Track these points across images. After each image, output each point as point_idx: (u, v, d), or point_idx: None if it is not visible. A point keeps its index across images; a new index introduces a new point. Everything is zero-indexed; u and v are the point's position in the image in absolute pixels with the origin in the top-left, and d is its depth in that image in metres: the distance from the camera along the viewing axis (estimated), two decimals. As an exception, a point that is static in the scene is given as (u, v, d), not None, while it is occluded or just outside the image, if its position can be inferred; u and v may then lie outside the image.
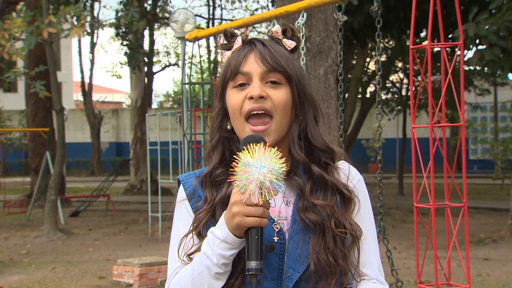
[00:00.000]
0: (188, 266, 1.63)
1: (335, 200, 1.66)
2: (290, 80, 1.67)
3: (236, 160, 1.51)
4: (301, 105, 1.70)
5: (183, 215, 1.72)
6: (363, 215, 1.70)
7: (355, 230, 1.65)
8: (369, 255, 1.69)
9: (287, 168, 1.61)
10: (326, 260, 1.60)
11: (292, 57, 1.71)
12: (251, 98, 1.63)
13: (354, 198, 1.68)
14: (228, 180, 1.57)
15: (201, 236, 1.65)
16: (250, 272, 1.51)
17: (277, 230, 1.64)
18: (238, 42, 1.71)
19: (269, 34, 1.74)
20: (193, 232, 1.66)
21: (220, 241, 1.55)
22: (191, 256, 1.64)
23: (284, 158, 1.51)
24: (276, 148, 1.52)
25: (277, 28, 1.73)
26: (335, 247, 1.61)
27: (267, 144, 1.54)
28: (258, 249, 1.52)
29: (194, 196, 1.71)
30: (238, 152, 1.52)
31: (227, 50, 1.73)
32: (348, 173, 1.72)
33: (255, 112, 1.64)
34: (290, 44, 1.72)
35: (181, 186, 1.75)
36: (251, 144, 1.52)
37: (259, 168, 1.47)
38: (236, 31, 1.76)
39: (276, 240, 1.63)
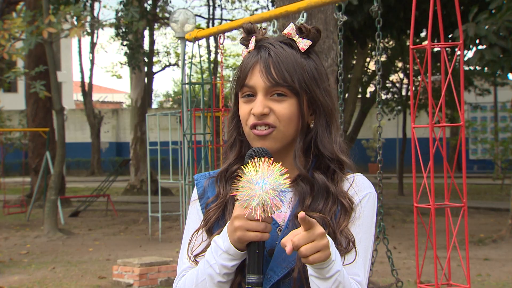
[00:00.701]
0: (193, 271, 1.65)
1: (335, 209, 1.65)
2: (296, 91, 1.64)
3: (239, 175, 1.51)
4: (312, 114, 1.68)
5: (193, 215, 1.74)
6: (360, 227, 1.67)
7: (346, 242, 1.62)
8: (356, 265, 1.64)
9: (295, 174, 1.62)
10: None
11: (304, 61, 1.67)
12: (254, 115, 1.63)
13: (353, 208, 1.66)
14: (231, 195, 1.59)
15: (210, 232, 1.67)
16: (250, 286, 1.52)
17: (280, 234, 1.64)
18: (251, 44, 1.69)
19: (283, 33, 1.70)
20: (203, 229, 1.68)
21: (222, 251, 1.57)
22: (197, 258, 1.66)
23: (290, 171, 1.51)
24: (280, 162, 1.51)
25: (290, 29, 1.69)
26: None
27: (272, 157, 1.54)
28: (259, 263, 1.53)
29: (204, 197, 1.73)
30: (242, 166, 1.53)
31: (246, 47, 1.71)
32: (353, 185, 1.69)
33: (259, 128, 1.64)
34: (304, 45, 1.68)
35: (195, 186, 1.78)
36: (255, 159, 1.52)
37: (262, 185, 1.48)
38: (254, 26, 1.73)
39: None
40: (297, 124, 1.66)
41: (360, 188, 1.69)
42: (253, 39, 1.69)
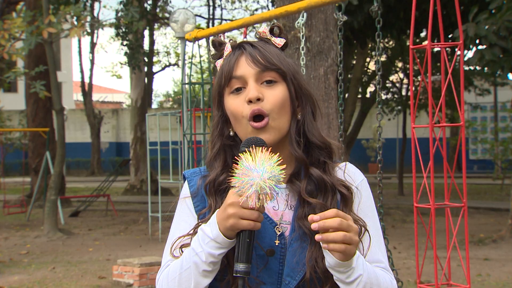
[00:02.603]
0: (177, 261, 1.63)
1: (335, 201, 1.66)
2: (285, 76, 1.66)
3: (237, 162, 1.50)
4: (299, 100, 1.70)
5: (184, 211, 1.72)
6: (366, 211, 1.70)
7: (359, 227, 1.62)
8: (375, 251, 1.68)
9: (290, 172, 1.62)
10: (322, 268, 1.59)
11: (284, 54, 1.71)
12: (250, 101, 1.63)
13: (353, 195, 1.67)
14: (227, 181, 1.57)
15: None
16: (238, 274, 1.51)
17: (279, 233, 1.64)
18: (227, 49, 1.71)
19: (256, 36, 1.74)
20: (193, 235, 1.65)
21: (210, 239, 1.55)
22: (183, 249, 1.64)
23: (285, 165, 1.51)
24: (278, 153, 1.51)
25: (263, 29, 1.72)
26: None
27: (269, 147, 1.55)
28: (248, 253, 1.52)
29: (197, 195, 1.71)
30: (239, 154, 1.52)
31: (219, 59, 1.73)
32: (347, 173, 1.72)
33: (256, 115, 1.64)
34: (279, 42, 1.71)
35: (186, 182, 1.75)
36: (253, 147, 1.52)
37: (261, 173, 1.47)
38: (223, 38, 1.77)
39: (277, 244, 1.63)
40: (289, 111, 1.67)
41: (354, 178, 1.72)
42: (228, 45, 1.72)
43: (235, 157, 1.55)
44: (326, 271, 1.59)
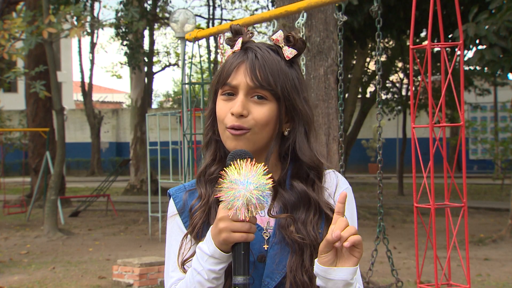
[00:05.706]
0: (181, 283, 1.64)
1: (318, 220, 1.66)
2: (277, 97, 1.64)
3: (222, 176, 1.51)
4: (290, 120, 1.68)
5: (175, 231, 1.73)
6: (350, 222, 1.68)
7: None
8: None
9: (273, 184, 1.62)
10: (302, 279, 1.62)
11: (288, 69, 1.67)
12: (233, 114, 1.63)
13: None
14: (215, 197, 1.57)
15: (198, 238, 1.66)
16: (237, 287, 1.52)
17: (266, 238, 1.66)
18: (237, 44, 1.69)
19: (271, 40, 1.71)
20: (191, 235, 1.66)
21: (208, 256, 1.56)
22: (186, 264, 1.65)
23: (271, 174, 1.51)
24: (263, 164, 1.51)
25: (278, 35, 1.69)
26: (311, 266, 1.61)
27: (254, 159, 1.54)
28: (245, 264, 1.53)
29: (185, 211, 1.72)
30: (224, 168, 1.52)
31: (231, 47, 1.72)
32: (336, 182, 1.73)
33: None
34: (289, 53, 1.68)
35: (171, 200, 1.76)
36: (237, 160, 1.52)
37: (246, 185, 1.48)
38: (242, 28, 1.73)
39: (266, 248, 1.65)
40: (272, 129, 1.66)
41: (339, 185, 1.72)
42: (239, 40, 1.69)
43: (225, 164, 1.55)
44: (305, 283, 1.62)
